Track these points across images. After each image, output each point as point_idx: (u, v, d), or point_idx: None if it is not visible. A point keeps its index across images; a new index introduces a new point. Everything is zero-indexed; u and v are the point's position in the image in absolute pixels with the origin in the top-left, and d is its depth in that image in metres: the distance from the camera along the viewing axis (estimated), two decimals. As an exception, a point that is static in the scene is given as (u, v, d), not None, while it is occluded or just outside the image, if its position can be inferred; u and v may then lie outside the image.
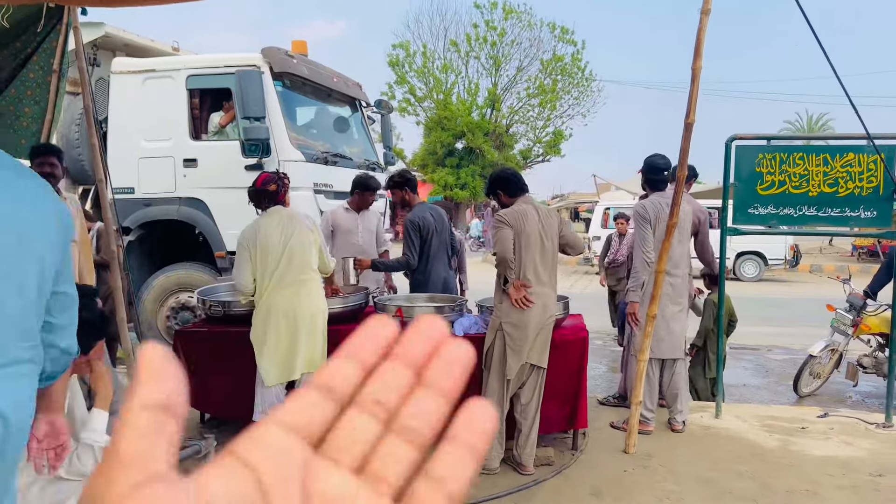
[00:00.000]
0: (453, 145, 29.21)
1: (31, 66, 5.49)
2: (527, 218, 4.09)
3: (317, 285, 4.35)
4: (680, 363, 5.05)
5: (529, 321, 4.03)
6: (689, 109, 4.15)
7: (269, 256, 4.22)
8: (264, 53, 7.34)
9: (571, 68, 29.69)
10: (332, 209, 5.91)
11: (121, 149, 7.70)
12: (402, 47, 29.66)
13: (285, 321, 4.23)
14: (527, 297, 4.03)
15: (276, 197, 4.35)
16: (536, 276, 4.08)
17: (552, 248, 4.19)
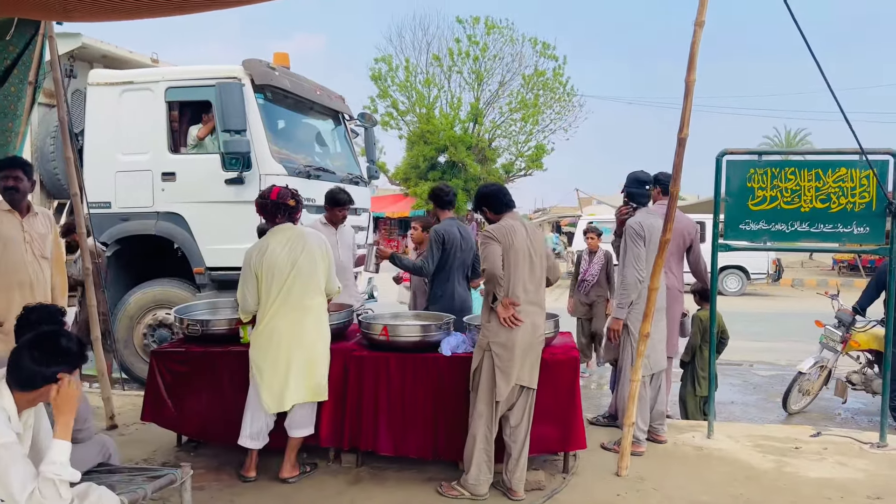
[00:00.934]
0: (436, 159, 29.11)
1: (12, 80, 5.30)
2: (515, 234, 3.97)
3: (323, 311, 4.21)
4: (663, 375, 4.96)
5: (518, 341, 3.89)
6: (683, 124, 4.07)
7: (275, 277, 4.05)
8: (245, 65, 7.20)
9: (553, 83, 29.75)
10: (310, 224, 5.76)
11: (97, 162, 7.50)
12: (385, 61, 29.60)
13: (287, 348, 4.07)
14: (515, 316, 3.89)
15: (294, 213, 4.20)
16: (525, 293, 3.96)
17: (540, 265, 4.07)
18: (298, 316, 4.09)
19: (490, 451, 3.97)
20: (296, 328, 4.08)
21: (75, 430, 3.16)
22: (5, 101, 5.31)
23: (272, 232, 4.18)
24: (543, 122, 30.25)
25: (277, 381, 4.08)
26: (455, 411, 4.24)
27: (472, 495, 3.97)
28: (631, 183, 4.92)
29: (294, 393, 4.10)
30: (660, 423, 4.99)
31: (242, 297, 4.16)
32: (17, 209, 4.29)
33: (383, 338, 4.36)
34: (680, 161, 4.13)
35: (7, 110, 5.32)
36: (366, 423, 4.34)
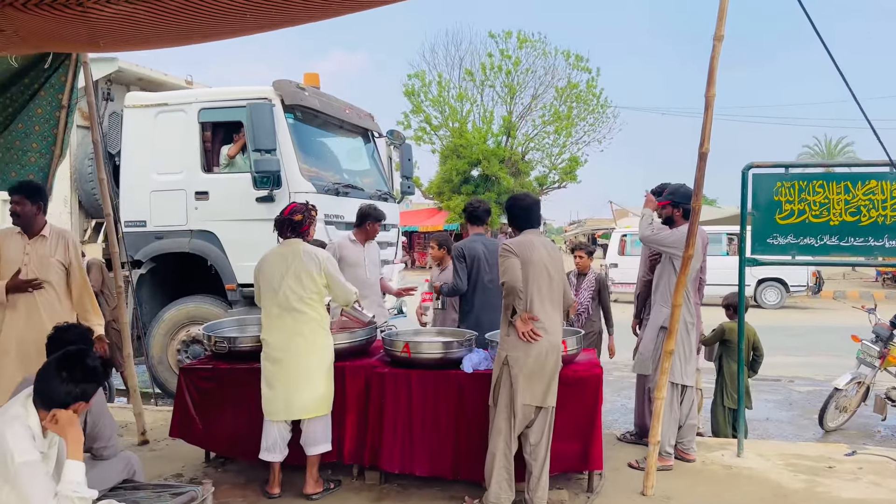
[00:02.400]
0: (469, 173, 29.23)
1: (39, 101, 5.49)
2: (533, 248, 3.97)
3: (316, 324, 4.24)
4: (693, 390, 4.89)
5: (534, 356, 3.87)
6: (703, 138, 4.04)
7: (267, 290, 4.21)
8: (275, 86, 7.35)
9: (586, 95, 29.75)
10: (338, 241, 5.84)
11: (133, 182, 7.71)
12: (418, 77, 29.94)
13: (277, 358, 4.18)
14: (534, 331, 3.88)
15: (300, 228, 4.29)
16: (543, 309, 3.94)
17: (559, 281, 4.04)
18: (289, 328, 4.17)
19: (510, 469, 3.95)
20: (286, 342, 4.17)
21: (101, 447, 3.27)
22: (30, 122, 5.49)
23: (278, 245, 4.33)
24: (577, 134, 30.31)
25: (273, 393, 4.20)
26: (477, 429, 4.23)
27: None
28: (685, 197, 4.78)
29: (291, 408, 4.19)
30: (689, 440, 4.91)
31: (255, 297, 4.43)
32: (25, 232, 4.41)
33: (405, 355, 4.38)
34: (701, 175, 4.10)
35: (31, 131, 5.49)
36: (387, 440, 4.35)
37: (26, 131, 5.58)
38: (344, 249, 5.62)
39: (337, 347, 4.56)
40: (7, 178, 5.71)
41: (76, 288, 4.57)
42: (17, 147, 5.65)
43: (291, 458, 4.35)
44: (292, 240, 4.30)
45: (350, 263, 5.55)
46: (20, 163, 5.69)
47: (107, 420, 3.27)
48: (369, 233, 5.67)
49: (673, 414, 4.73)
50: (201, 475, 4.70)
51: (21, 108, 5.49)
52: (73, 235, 4.73)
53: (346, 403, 4.44)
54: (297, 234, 4.30)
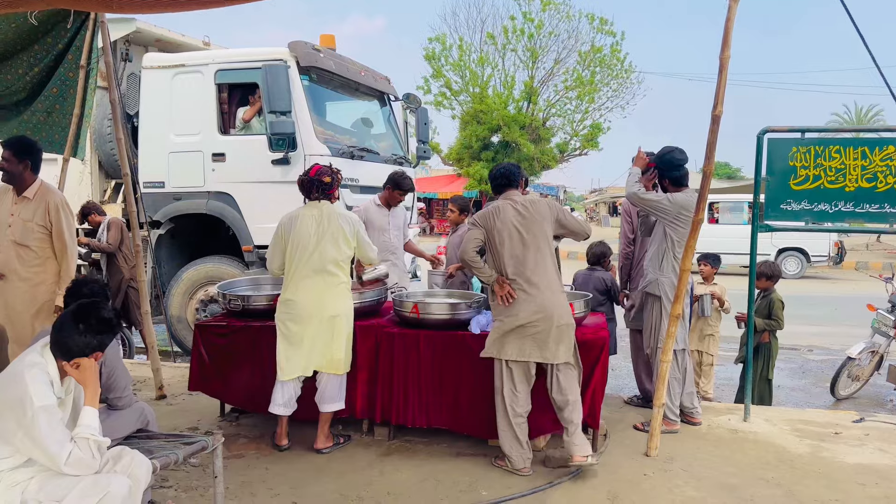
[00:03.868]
0: (489, 139, 29.00)
1: (70, 66, 5.54)
2: (498, 214, 4.03)
3: (344, 287, 4.32)
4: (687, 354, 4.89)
5: (520, 316, 3.94)
6: (717, 101, 4.00)
7: (300, 248, 4.22)
8: (291, 47, 7.34)
9: (610, 60, 29.17)
10: (364, 205, 5.89)
11: (151, 143, 7.79)
12: (439, 41, 29.54)
13: (305, 318, 4.23)
14: (510, 292, 3.97)
15: (328, 190, 4.32)
16: (521, 270, 3.98)
17: (535, 241, 4.03)
18: (320, 290, 4.22)
19: (513, 425, 4.01)
20: (316, 302, 4.21)
21: (115, 397, 3.37)
22: (65, 87, 5.57)
23: (307, 206, 4.33)
24: (600, 100, 29.79)
25: (294, 352, 4.27)
26: (483, 388, 4.30)
27: (514, 470, 4.04)
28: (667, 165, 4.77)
29: (310, 363, 4.26)
30: (693, 406, 4.94)
31: (270, 258, 4.38)
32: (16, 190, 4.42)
33: (414, 315, 4.44)
34: (714, 139, 4.06)
35: (67, 95, 5.57)
36: (397, 397, 4.44)
37: (62, 95, 5.64)
38: (370, 213, 5.68)
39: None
40: (54, 142, 5.78)
41: (56, 251, 4.48)
42: (57, 111, 5.71)
43: (303, 413, 4.45)
44: (321, 202, 4.31)
45: (376, 227, 5.62)
46: (60, 125, 5.75)
47: (121, 371, 3.37)
48: (392, 198, 5.70)
49: (675, 377, 4.75)
50: (216, 428, 4.83)
51: (49, 69, 5.55)
52: (59, 197, 4.53)
53: (356, 362, 4.52)
54: (324, 196, 4.32)
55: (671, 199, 4.61)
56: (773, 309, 5.69)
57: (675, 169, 4.72)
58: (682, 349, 4.71)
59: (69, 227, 4.55)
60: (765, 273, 5.73)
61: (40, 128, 5.61)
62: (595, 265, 5.73)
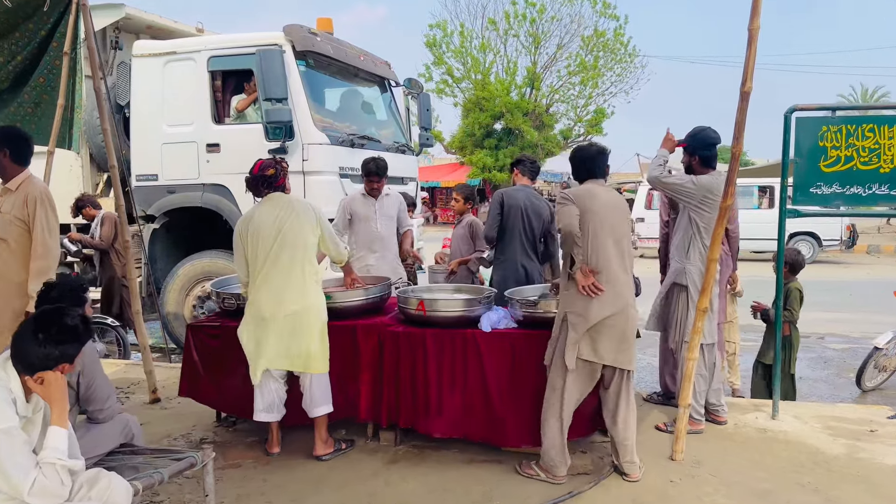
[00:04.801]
0: (492, 126, 28.64)
1: (55, 54, 5.24)
2: (594, 197, 3.67)
3: (311, 279, 4.03)
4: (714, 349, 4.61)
5: (596, 312, 3.59)
6: (746, 76, 3.68)
7: (261, 245, 3.95)
8: (286, 31, 7.02)
9: (614, 44, 28.78)
10: (349, 196, 5.58)
11: (143, 134, 7.50)
12: (440, 27, 29.13)
13: (269, 314, 3.95)
14: (596, 284, 3.60)
15: (275, 182, 4.04)
16: (607, 263, 3.64)
17: (624, 234, 3.75)
18: (282, 284, 3.94)
19: (563, 429, 3.71)
20: (276, 297, 3.94)
21: (96, 410, 3.09)
22: (51, 76, 5.27)
23: (261, 201, 4.07)
24: (603, 84, 29.45)
25: (255, 351, 4.01)
26: (497, 391, 4.02)
27: (551, 476, 3.75)
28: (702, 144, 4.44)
29: (268, 361, 3.98)
30: (718, 403, 4.65)
31: (236, 269, 4.16)
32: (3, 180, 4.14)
33: (420, 313, 4.15)
34: (743, 118, 3.74)
35: (55, 84, 5.27)
36: (404, 399, 4.16)
37: (50, 85, 5.35)
38: (354, 204, 5.38)
39: (348, 305, 4.37)
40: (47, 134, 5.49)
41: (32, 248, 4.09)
42: (45, 101, 5.43)
43: (304, 417, 4.17)
44: (274, 194, 4.05)
45: (361, 218, 5.31)
46: (50, 116, 5.46)
47: (101, 381, 3.09)
48: (369, 187, 5.38)
49: (701, 374, 4.46)
50: (211, 435, 4.57)
51: (34, 57, 5.26)
52: (39, 190, 4.16)
53: (359, 362, 4.25)
54: (273, 189, 4.05)
55: (696, 182, 4.30)
56: (789, 299, 5.37)
57: (708, 148, 4.41)
58: (711, 343, 4.42)
59: (48, 222, 4.12)
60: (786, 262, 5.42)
61: (30, 119, 5.33)
62: None
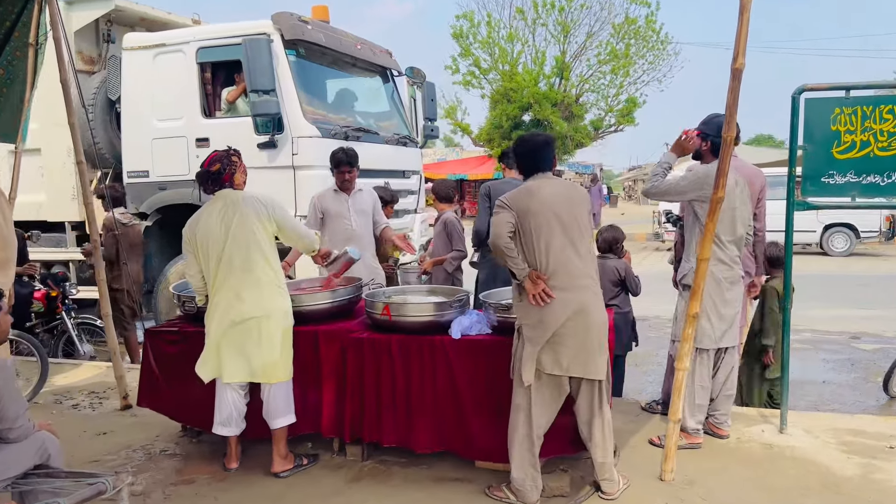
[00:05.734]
0: (520, 118, 28.11)
1: (16, 44, 5.07)
2: (533, 195, 3.30)
3: (270, 282, 3.72)
4: (734, 353, 4.20)
5: (552, 321, 3.24)
6: (737, 52, 3.25)
7: (211, 249, 3.66)
8: (274, 19, 6.74)
9: (645, 31, 28.00)
10: (320, 192, 5.26)
11: (134, 130, 7.32)
12: (466, 17, 28.66)
13: (221, 323, 3.67)
14: (546, 291, 3.25)
15: (221, 178, 3.74)
16: (559, 260, 3.27)
17: (577, 227, 3.34)
18: (238, 287, 3.64)
19: (534, 451, 3.36)
20: (234, 301, 3.64)
21: (5, 429, 2.83)
22: (11, 68, 5.08)
23: (208, 202, 3.78)
24: (635, 73, 28.71)
25: (210, 356, 3.74)
26: (471, 403, 3.68)
27: (521, 501, 3.39)
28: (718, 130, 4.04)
29: (228, 372, 3.70)
30: (723, 413, 4.24)
31: (186, 272, 3.90)
32: None
33: (385, 317, 3.82)
34: (735, 98, 3.32)
35: (14, 76, 5.09)
36: (368, 411, 3.84)
37: (10, 77, 5.18)
38: (325, 201, 5.07)
39: (311, 309, 4.06)
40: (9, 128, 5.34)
41: None
42: (4, 95, 5.26)
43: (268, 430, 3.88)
44: (222, 192, 3.75)
45: (333, 215, 5.01)
46: (10, 111, 5.30)
47: (10, 398, 2.82)
48: (339, 180, 5.05)
49: (702, 384, 4.05)
50: (172, 446, 4.32)
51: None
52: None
53: (321, 371, 3.94)
54: (220, 185, 3.75)
55: (690, 173, 3.89)
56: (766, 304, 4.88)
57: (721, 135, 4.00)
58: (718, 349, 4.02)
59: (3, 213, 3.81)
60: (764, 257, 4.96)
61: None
62: (607, 252, 5.02)
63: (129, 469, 3.92)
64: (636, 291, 4.97)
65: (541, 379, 3.30)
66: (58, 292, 6.40)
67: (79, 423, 4.75)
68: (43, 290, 6.39)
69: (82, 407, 5.13)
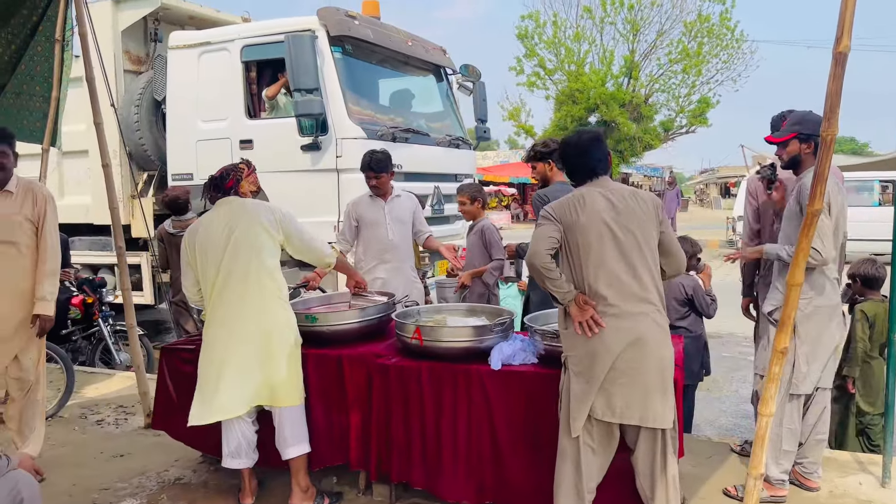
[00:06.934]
0: (586, 119, 27.29)
1: (38, 38, 4.86)
2: (583, 206, 2.78)
3: (273, 295, 3.33)
4: (828, 393, 3.56)
5: (603, 354, 2.72)
6: (841, 32, 2.66)
7: (210, 259, 3.30)
8: (320, 15, 6.40)
9: (719, 29, 26.79)
10: (355, 199, 4.85)
11: (179, 131, 7.12)
12: (532, 17, 28.04)
13: (223, 340, 3.29)
14: (595, 318, 2.74)
15: (224, 185, 3.39)
16: (611, 281, 2.75)
17: (636, 243, 2.79)
18: (238, 302, 3.27)
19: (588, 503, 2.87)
20: (235, 319, 3.27)
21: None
22: (32, 63, 4.87)
23: (211, 209, 3.46)
24: (708, 72, 27.51)
25: (208, 387, 3.32)
26: (510, 444, 3.19)
27: None
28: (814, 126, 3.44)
29: (224, 405, 3.28)
30: (812, 462, 3.61)
31: (182, 279, 3.55)
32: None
33: (416, 341, 3.36)
34: (838, 87, 2.71)
35: (34, 73, 4.88)
36: (397, 448, 3.39)
37: (30, 73, 4.99)
38: (359, 207, 4.65)
39: (335, 330, 3.64)
40: (21, 127, 5.18)
41: (40, 249, 3.90)
42: (24, 92, 5.08)
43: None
44: (226, 198, 3.40)
45: (367, 223, 4.58)
46: (28, 108, 5.13)
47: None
48: (370, 186, 4.63)
49: (791, 427, 3.44)
50: (189, 474, 3.97)
51: (25, 44, 4.90)
52: (46, 189, 4.05)
53: (347, 399, 3.51)
54: (224, 193, 3.40)
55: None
56: (853, 327, 4.17)
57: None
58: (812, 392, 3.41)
59: (55, 222, 4.00)
60: (857, 274, 4.27)
61: (10, 112, 4.96)
62: None
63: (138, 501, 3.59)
64: (707, 313, 4.37)
65: (591, 423, 2.78)
66: (94, 298, 6.20)
67: (98, 443, 4.48)
68: (80, 296, 6.20)
69: (107, 423, 4.86)
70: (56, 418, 4.91)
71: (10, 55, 4.87)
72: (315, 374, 3.53)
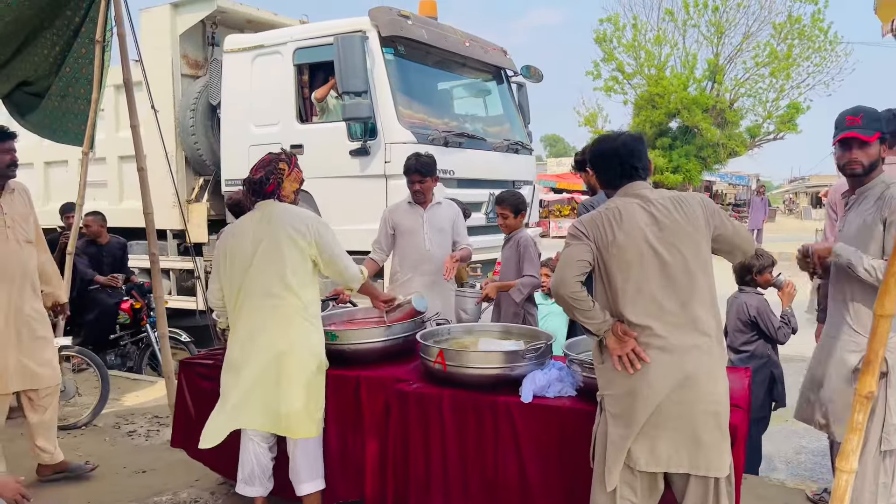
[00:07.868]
0: (666, 124, 26.37)
1: (82, 40, 4.81)
2: (619, 221, 2.37)
3: (296, 312, 3.05)
4: None
5: (645, 393, 2.31)
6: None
7: (236, 268, 3.08)
8: (372, 15, 6.17)
9: (811, 30, 25.37)
10: (392, 205, 4.55)
11: (232, 136, 7.04)
12: (611, 21, 27.31)
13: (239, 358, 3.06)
14: (637, 352, 2.34)
15: (265, 189, 3.11)
16: (656, 313, 2.36)
17: (684, 264, 2.35)
18: (260, 316, 3.03)
19: None
20: (252, 335, 3.03)
21: None
22: (77, 65, 4.82)
23: (248, 213, 3.22)
24: (799, 76, 26.18)
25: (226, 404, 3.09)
26: (538, 487, 2.81)
27: None
28: None
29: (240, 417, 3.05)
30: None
31: (208, 293, 3.35)
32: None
33: (439, 366, 3.02)
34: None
35: (79, 75, 4.83)
36: (415, 483, 3.06)
37: (75, 75, 4.95)
38: (396, 214, 4.34)
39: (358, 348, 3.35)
40: (66, 130, 5.18)
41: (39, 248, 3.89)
42: (70, 94, 5.06)
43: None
44: (264, 202, 3.13)
45: (404, 231, 4.26)
46: (73, 111, 5.10)
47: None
48: (412, 191, 4.29)
49: (884, 483, 2.91)
50: (207, 497, 3.75)
51: (68, 46, 4.86)
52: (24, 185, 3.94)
53: (363, 426, 3.21)
54: (263, 196, 3.12)
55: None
56: None
57: None
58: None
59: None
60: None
61: (56, 115, 4.93)
62: (741, 285, 3.94)
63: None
64: (777, 338, 3.85)
65: (633, 475, 2.37)
66: (142, 303, 6.15)
67: (124, 457, 4.33)
68: (129, 300, 6.17)
69: (138, 435, 4.73)
70: (90, 427, 4.82)
71: (55, 56, 4.84)
72: (332, 398, 3.24)
